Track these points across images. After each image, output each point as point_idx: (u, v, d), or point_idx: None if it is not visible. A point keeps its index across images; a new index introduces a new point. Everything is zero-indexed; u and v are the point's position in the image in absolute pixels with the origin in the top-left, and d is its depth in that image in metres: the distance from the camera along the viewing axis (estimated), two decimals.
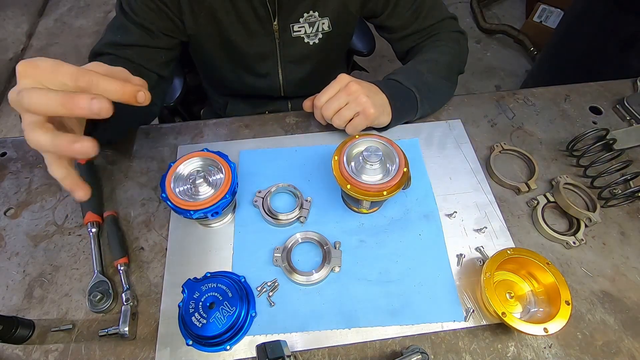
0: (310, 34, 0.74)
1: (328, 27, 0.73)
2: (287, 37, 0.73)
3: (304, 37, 0.74)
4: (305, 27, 0.72)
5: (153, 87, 0.63)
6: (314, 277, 0.52)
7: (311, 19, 0.71)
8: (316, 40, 0.75)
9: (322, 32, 0.74)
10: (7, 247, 0.57)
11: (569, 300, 0.46)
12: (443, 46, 0.73)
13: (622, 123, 0.72)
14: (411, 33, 0.76)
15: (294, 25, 0.71)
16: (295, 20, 0.71)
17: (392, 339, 0.49)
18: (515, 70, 2.15)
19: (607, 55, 1.29)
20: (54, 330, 0.49)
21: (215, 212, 0.50)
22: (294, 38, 0.73)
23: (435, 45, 0.74)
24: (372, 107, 0.59)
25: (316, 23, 0.72)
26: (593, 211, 0.57)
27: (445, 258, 0.55)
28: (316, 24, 0.72)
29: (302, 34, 0.73)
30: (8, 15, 2.46)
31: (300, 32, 0.73)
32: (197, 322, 0.46)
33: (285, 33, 0.72)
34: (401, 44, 0.78)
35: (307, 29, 0.73)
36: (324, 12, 0.71)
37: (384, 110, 0.62)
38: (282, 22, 0.70)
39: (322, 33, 0.74)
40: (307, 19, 0.71)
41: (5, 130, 1.91)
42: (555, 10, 2.08)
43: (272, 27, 0.71)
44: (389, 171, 0.51)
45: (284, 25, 0.71)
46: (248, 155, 0.66)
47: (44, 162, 0.39)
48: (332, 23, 0.73)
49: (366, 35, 1.07)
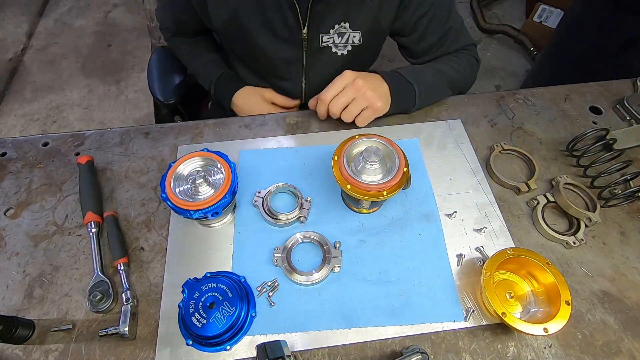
0: (339, 45, 0.73)
1: (359, 41, 0.73)
2: (315, 46, 0.72)
3: (332, 47, 0.74)
4: (334, 37, 0.72)
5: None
6: (314, 277, 0.52)
7: (341, 29, 0.71)
8: (345, 52, 0.75)
9: (352, 44, 0.74)
10: (7, 247, 0.57)
11: (569, 300, 0.46)
12: (454, 63, 0.74)
13: (622, 123, 0.72)
14: (434, 58, 0.77)
15: (324, 35, 0.71)
16: (325, 31, 0.70)
17: (392, 339, 0.49)
18: (515, 70, 2.15)
19: (607, 55, 1.29)
20: (54, 330, 0.49)
21: (215, 212, 0.50)
22: (322, 48, 0.73)
23: (448, 60, 0.75)
24: (378, 100, 0.63)
25: (346, 34, 0.72)
26: (593, 211, 0.57)
27: (445, 258, 0.55)
28: (346, 35, 0.72)
29: (330, 43, 0.73)
30: (8, 15, 2.46)
31: (329, 42, 0.73)
32: (197, 322, 0.46)
33: (313, 42, 0.72)
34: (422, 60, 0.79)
35: (335, 40, 0.72)
36: (355, 24, 0.71)
37: (387, 100, 0.66)
38: (312, 32, 0.70)
39: (351, 45, 0.74)
40: (337, 30, 0.71)
41: (5, 130, 1.91)
42: (555, 10, 2.07)
43: (301, 36, 0.70)
44: (389, 171, 0.51)
45: (313, 34, 0.71)
46: (248, 155, 0.66)
47: (43, 162, 0.39)
48: (364, 36, 0.72)
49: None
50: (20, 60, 2.23)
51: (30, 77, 2.14)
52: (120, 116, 1.98)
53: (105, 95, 2.07)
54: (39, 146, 0.67)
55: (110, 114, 1.99)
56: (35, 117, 1.96)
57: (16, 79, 2.13)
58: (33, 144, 0.68)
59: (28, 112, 1.99)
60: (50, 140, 0.68)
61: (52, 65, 2.20)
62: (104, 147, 0.67)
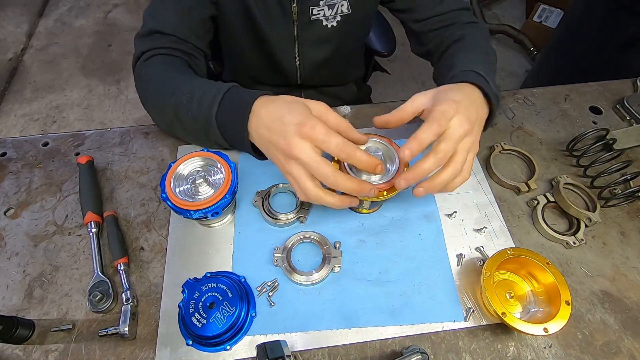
0: (329, 17, 0.72)
1: (347, 9, 0.72)
2: (305, 19, 0.72)
3: (323, 20, 0.73)
4: (324, 10, 0.71)
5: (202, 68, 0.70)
6: (314, 277, 0.52)
7: (331, 1, 0.70)
8: (334, 23, 0.74)
9: (341, 14, 0.73)
10: (7, 247, 0.57)
11: (569, 300, 0.46)
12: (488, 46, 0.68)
13: (622, 123, 0.72)
14: (432, 15, 0.73)
15: (314, 8, 0.70)
16: (315, 3, 0.70)
17: (392, 339, 0.49)
18: (515, 70, 2.15)
19: (607, 55, 1.29)
20: (54, 330, 0.49)
21: (215, 212, 0.50)
22: (313, 21, 0.72)
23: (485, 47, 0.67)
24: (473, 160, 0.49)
25: (335, 5, 0.71)
26: (593, 211, 0.57)
27: (445, 258, 0.55)
28: (335, 6, 0.71)
29: (320, 16, 0.72)
30: (8, 15, 2.46)
31: (319, 15, 0.72)
32: (197, 322, 0.46)
33: (303, 16, 0.71)
34: (423, 24, 0.75)
35: (326, 12, 0.71)
36: None
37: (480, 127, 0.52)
38: (302, 5, 0.69)
39: (340, 15, 0.73)
40: (327, 1, 0.70)
41: (5, 130, 1.91)
42: (555, 10, 2.08)
43: (292, 9, 0.70)
44: (389, 171, 0.51)
45: (302, 8, 0.70)
46: (248, 155, 0.65)
47: (43, 162, 0.39)
48: (351, 5, 0.72)
49: (386, 35, 1.07)
50: (20, 60, 2.23)
51: (30, 77, 2.14)
52: (120, 116, 1.98)
53: (105, 95, 2.07)
54: (39, 146, 0.67)
55: (110, 114, 1.99)
56: (35, 117, 1.96)
57: (16, 79, 2.13)
58: (33, 144, 0.68)
59: (28, 112, 1.99)
60: (50, 140, 0.68)
61: (52, 65, 2.20)
62: (104, 147, 0.67)
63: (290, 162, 0.46)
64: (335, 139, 0.43)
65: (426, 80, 2.12)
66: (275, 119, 0.46)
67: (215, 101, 0.52)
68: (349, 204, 0.49)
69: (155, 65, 0.62)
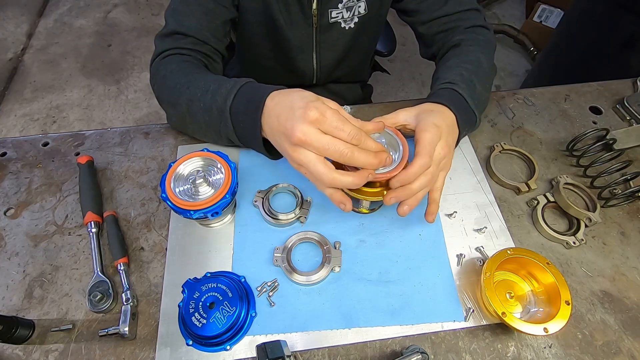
0: (347, 19, 0.73)
1: (364, 10, 0.73)
2: (324, 22, 0.72)
3: (341, 22, 0.73)
4: (343, 12, 0.72)
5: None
6: (314, 277, 0.52)
7: (349, 3, 0.71)
8: (352, 25, 0.74)
9: (358, 15, 0.73)
10: (7, 247, 0.57)
11: (569, 300, 0.46)
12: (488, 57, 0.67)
13: (622, 123, 0.72)
14: (437, 17, 0.72)
15: (332, 11, 0.71)
16: (334, 5, 0.70)
17: (392, 339, 0.49)
18: (515, 70, 2.15)
19: (607, 55, 1.29)
20: (54, 330, 0.49)
21: (215, 212, 0.50)
22: (331, 24, 0.73)
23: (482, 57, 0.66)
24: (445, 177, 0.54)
25: (353, 7, 0.72)
26: (593, 211, 0.57)
27: (445, 258, 0.55)
28: (353, 8, 0.72)
29: (339, 19, 0.73)
30: (8, 15, 2.46)
31: (338, 18, 0.72)
32: (197, 322, 0.46)
33: (322, 18, 0.72)
34: (428, 26, 0.74)
35: (344, 14, 0.72)
36: None
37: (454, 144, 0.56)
38: (322, 8, 0.70)
39: (357, 17, 0.73)
40: (345, 4, 0.70)
41: (5, 130, 1.91)
42: (555, 10, 2.08)
43: (311, 12, 0.70)
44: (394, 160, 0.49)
45: (322, 10, 0.70)
46: (248, 155, 0.65)
47: (43, 162, 0.39)
48: (368, 5, 0.72)
49: (387, 35, 1.07)
50: (20, 60, 2.23)
51: (30, 77, 2.14)
52: (120, 116, 1.98)
53: (105, 95, 2.07)
54: (39, 146, 0.67)
55: (110, 114, 1.99)
56: (35, 117, 1.96)
57: (16, 79, 2.13)
58: (33, 144, 0.68)
59: (28, 112, 1.99)
60: (50, 140, 0.68)
61: (52, 65, 2.20)
62: (104, 147, 0.67)
63: (298, 150, 0.44)
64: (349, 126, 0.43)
65: (426, 80, 2.12)
66: (285, 107, 0.46)
67: (230, 93, 0.53)
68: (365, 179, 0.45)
69: (173, 63, 0.62)
